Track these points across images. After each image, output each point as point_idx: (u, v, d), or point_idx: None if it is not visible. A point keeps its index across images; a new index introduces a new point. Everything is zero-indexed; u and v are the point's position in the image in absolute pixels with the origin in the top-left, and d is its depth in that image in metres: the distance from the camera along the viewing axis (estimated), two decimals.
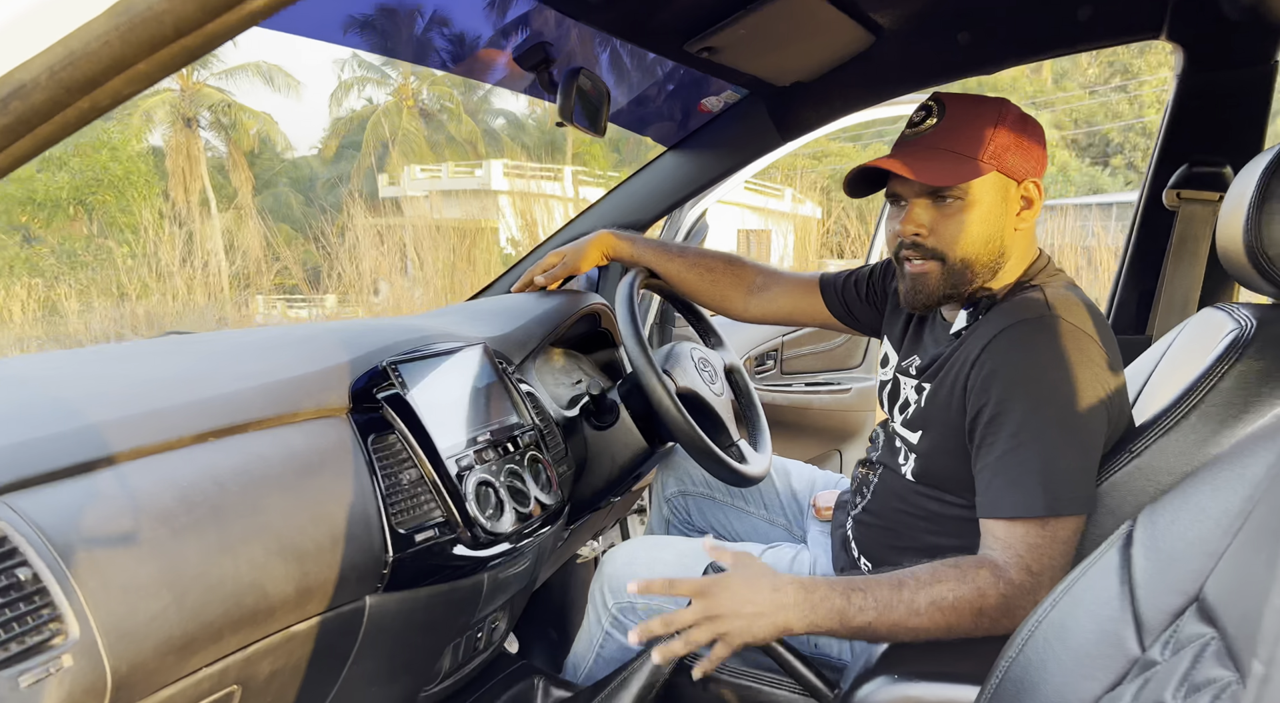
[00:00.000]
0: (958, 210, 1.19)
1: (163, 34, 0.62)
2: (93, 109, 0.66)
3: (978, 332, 1.18)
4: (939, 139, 1.18)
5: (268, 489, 0.96)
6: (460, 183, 19.07)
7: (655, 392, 1.37)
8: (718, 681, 1.28)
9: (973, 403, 1.14)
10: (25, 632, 0.71)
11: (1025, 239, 1.23)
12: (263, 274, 10.86)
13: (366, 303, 11.11)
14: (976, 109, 1.19)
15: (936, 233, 1.20)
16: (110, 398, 0.93)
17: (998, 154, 1.17)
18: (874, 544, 1.30)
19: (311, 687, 1.03)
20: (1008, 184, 1.19)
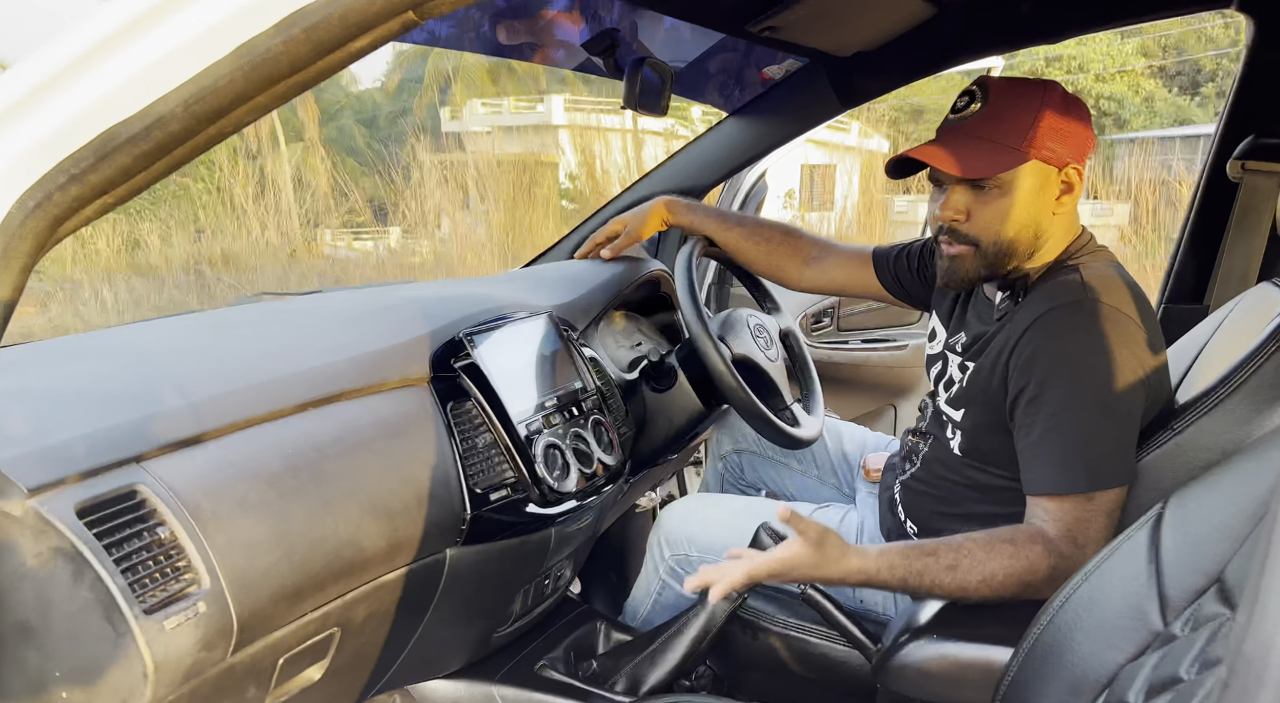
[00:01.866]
0: (995, 198, 1.21)
1: (279, 72, 0.70)
2: (219, 135, 0.75)
3: (1018, 315, 1.22)
4: (981, 127, 1.20)
5: (361, 454, 1.07)
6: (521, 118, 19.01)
7: (711, 360, 1.45)
8: (767, 631, 1.38)
9: (1014, 384, 1.18)
10: (167, 582, 0.83)
11: (1065, 221, 1.25)
12: (331, 211, 11.08)
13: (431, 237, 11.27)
14: (1020, 96, 1.20)
15: (974, 219, 1.23)
16: (223, 371, 1.04)
17: (1039, 142, 1.18)
18: (921, 510, 1.37)
19: (399, 628, 1.15)
20: (1048, 171, 1.20)
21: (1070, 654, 0.90)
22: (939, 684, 1.07)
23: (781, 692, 1.41)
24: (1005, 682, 0.95)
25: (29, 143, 0.71)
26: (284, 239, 10.11)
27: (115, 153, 0.72)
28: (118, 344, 1.17)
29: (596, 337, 1.61)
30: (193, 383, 0.99)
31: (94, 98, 0.70)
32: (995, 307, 1.26)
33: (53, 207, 0.73)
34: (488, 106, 20.62)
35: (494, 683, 1.34)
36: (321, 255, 10.94)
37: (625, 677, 1.35)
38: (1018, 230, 1.22)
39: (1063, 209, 1.23)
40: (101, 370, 1.01)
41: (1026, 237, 1.23)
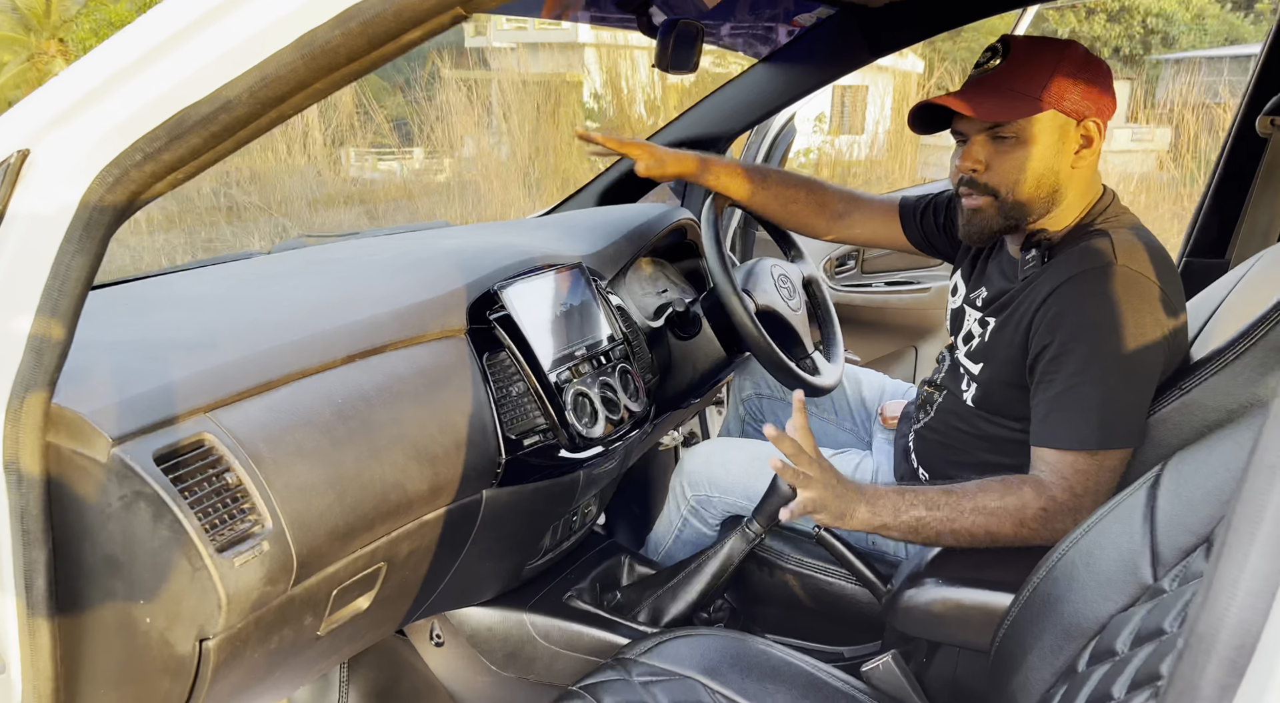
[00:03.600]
0: (1014, 147, 1.25)
1: (337, 61, 0.75)
2: (279, 117, 0.80)
3: (1044, 276, 1.25)
4: (1001, 78, 1.24)
5: (404, 403, 1.14)
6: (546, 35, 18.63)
7: (736, 312, 1.50)
8: (782, 569, 1.47)
9: (1036, 343, 1.23)
10: (235, 523, 0.91)
11: (1083, 178, 1.28)
12: (355, 131, 11.02)
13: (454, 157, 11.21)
14: (1040, 50, 1.24)
15: (992, 169, 1.27)
16: (276, 323, 1.11)
17: (1057, 93, 1.22)
18: (933, 458, 1.43)
19: (439, 562, 1.24)
20: (1066, 123, 1.24)
21: (1066, 603, 0.97)
22: (942, 625, 1.15)
23: (795, 626, 1.50)
24: (1004, 625, 1.03)
25: (109, 124, 0.77)
26: (309, 160, 10.11)
27: (186, 134, 0.77)
28: (184, 294, 1.24)
29: (624, 284, 1.67)
30: (252, 336, 1.06)
31: (168, 83, 0.75)
32: (1020, 266, 1.30)
33: (130, 182, 0.79)
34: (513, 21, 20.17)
35: (525, 611, 1.44)
36: (347, 177, 10.93)
37: (647, 608, 1.45)
38: (1036, 182, 1.26)
39: (1082, 163, 1.26)
40: (171, 322, 1.09)
41: (1045, 189, 1.26)
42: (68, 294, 0.80)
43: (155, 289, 1.27)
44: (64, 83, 0.78)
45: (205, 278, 1.32)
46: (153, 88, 0.76)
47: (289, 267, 1.41)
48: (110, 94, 0.77)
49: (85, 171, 0.78)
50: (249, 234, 8.08)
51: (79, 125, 0.78)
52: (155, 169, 0.79)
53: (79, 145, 0.78)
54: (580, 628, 1.42)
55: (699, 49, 1.45)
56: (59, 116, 0.78)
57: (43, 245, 0.78)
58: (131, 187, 0.80)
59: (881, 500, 1.24)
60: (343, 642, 1.18)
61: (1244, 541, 0.44)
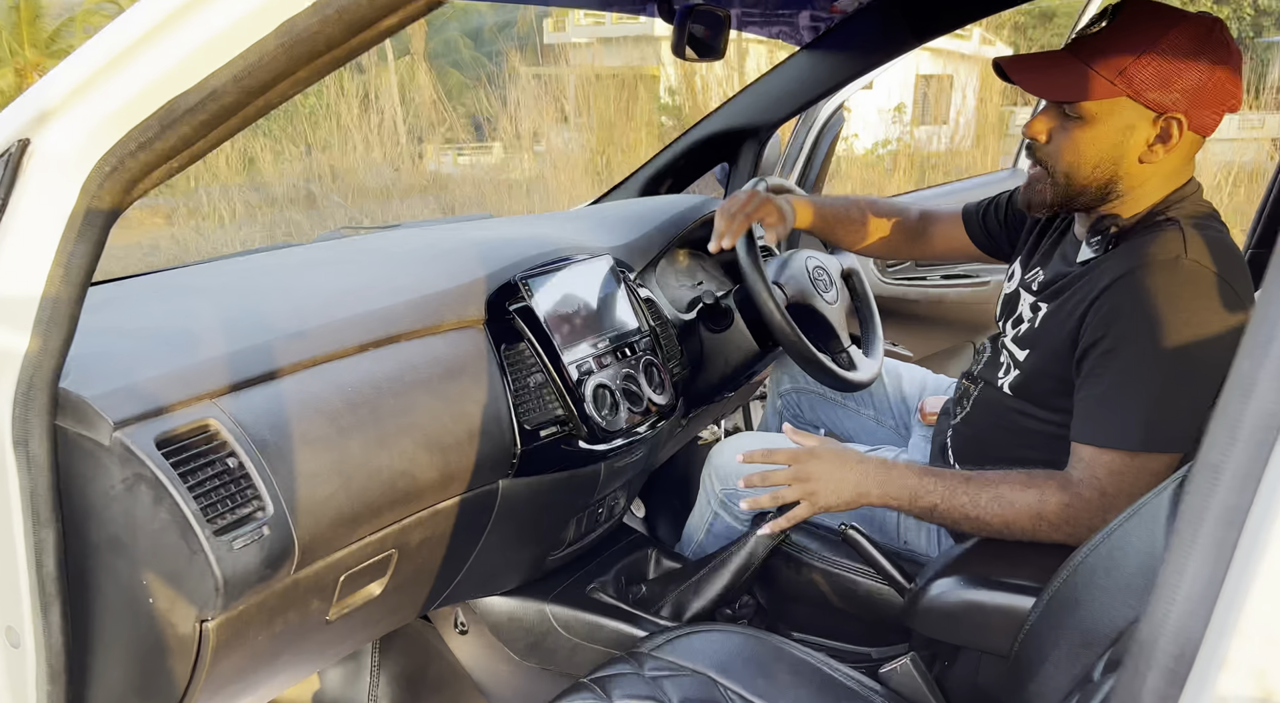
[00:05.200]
0: (1075, 126, 1.17)
1: (316, 49, 0.76)
2: (266, 106, 0.81)
3: (1107, 265, 1.17)
4: (1091, 49, 1.14)
5: (416, 393, 1.14)
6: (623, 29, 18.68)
7: (764, 304, 1.47)
8: (808, 566, 1.43)
9: (1088, 335, 1.15)
10: (236, 507, 0.93)
11: (1160, 173, 1.18)
12: (434, 127, 11.24)
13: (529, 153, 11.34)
14: (1145, 22, 1.12)
15: (1052, 142, 1.20)
16: (291, 312, 1.13)
17: (1136, 79, 1.11)
18: (969, 453, 1.38)
19: (455, 551, 1.25)
20: (1142, 113, 1.13)
21: (1085, 608, 0.92)
22: (961, 627, 1.10)
23: (822, 625, 1.47)
24: (1024, 630, 0.98)
25: (104, 114, 0.79)
26: (387, 156, 10.35)
27: (177, 123, 0.79)
28: (207, 283, 1.27)
29: (656, 276, 1.65)
30: (265, 324, 1.08)
31: (157, 73, 0.77)
32: (1082, 249, 1.23)
33: (126, 171, 0.81)
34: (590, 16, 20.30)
35: (547, 602, 1.44)
36: (425, 172, 11.15)
37: (670, 603, 1.43)
38: (1092, 168, 1.18)
39: (1153, 159, 1.16)
40: (186, 310, 1.11)
41: (1097, 177, 1.18)
42: (71, 281, 0.82)
43: (180, 279, 1.31)
44: (60, 74, 0.80)
45: (231, 268, 1.35)
46: (142, 78, 0.77)
47: (319, 257, 1.44)
48: (104, 84, 0.78)
49: (84, 161, 0.80)
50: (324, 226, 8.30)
51: (76, 115, 0.80)
52: (150, 158, 0.81)
53: (76, 135, 0.80)
54: (601, 620, 1.42)
55: (725, 36, 1.42)
56: (56, 107, 0.80)
57: (46, 233, 0.81)
58: (128, 175, 0.82)
59: (898, 482, 1.23)
60: (356, 627, 1.20)
61: (1185, 544, 0.41)
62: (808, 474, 1.27)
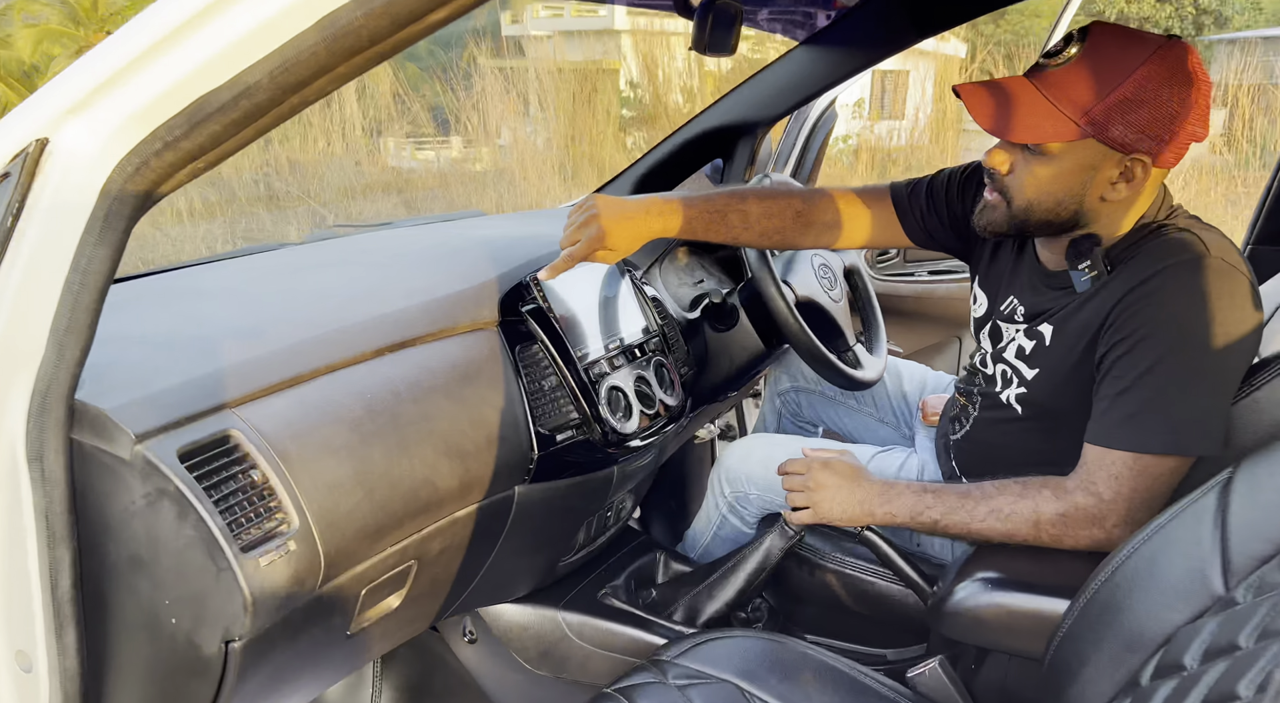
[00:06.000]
0: (1037, 163, 1.12)
1: (359, 44, 0.72)
2: (301, 103, 0.77)
3: (1114, 283, 1.14)
4: (1056, 81, 1.09)
5: (434, 398, 1.11)
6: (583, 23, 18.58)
7: (776, 304, 1.45)
8: (823, 567, 1.42)
9: (1108, 338, 1.13)
10: (261, 522, 0.89)
11: (1121, 209, 1.15)
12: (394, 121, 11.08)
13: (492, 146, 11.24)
14: (1112, 58, 1.06)
15: (1013, 175, 1.15)
16: (306, 317, 1.09)
17: (1105, 120, 1.06)
18: (972, 468, 1.36)
19: (471, 559, 1.22)
20: (1106, 154, 1.09)
21: (1128, 612, 0.92)
22: (991, 631, 1.10)
23: (835, 627, 1.46)
24: (1059, 634, 0.97)
25: (128, 112, 0.75)
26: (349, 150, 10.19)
27: (206, 121, 0.75)
28: (211, 287, 1.22)
29: (659, 275, 1.63)
30: (280, 329, 1.04)
31: (186, 69, 0.73)
32: (1075, 278, 1.18)
33: (150, 171, 0.77)
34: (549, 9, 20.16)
35: (559, 609, 1.41)
36: (385, 166, 10.99)
37: (683, 607, 1.41)
38: (1053, 204, 1.14)
39: (1116, 196, 1.12)
40: (197, 315, 1.07)
41: (1059, 213, 1.15)
42: (89, 287, 0.78)
43: (183, 281, 1.26)
44: (82, 70, 0.76)
45: (233, 270, 1.30)
46: (171, 74, 0.73)
47: (319, 258, 1.39)
48: (128, 81, 0.74)
49: (105, 161, 0.76)
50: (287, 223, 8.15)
51: (97, 113, 0.75)
52: (175, 158, 0.77)
53: (98, 134, 0.75)
54: (614, 626, 1.39)
55: (738, 31, 1.40)
56: (77, 104, 0.75)
57: (63, 237, 0.76)
58: (152, 176, 0.77)
59: (899, 501, 1.23)
60: (373, 640, 1.16)
61: None
62: (818, 483, 1.28)
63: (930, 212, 1.42)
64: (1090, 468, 1.12)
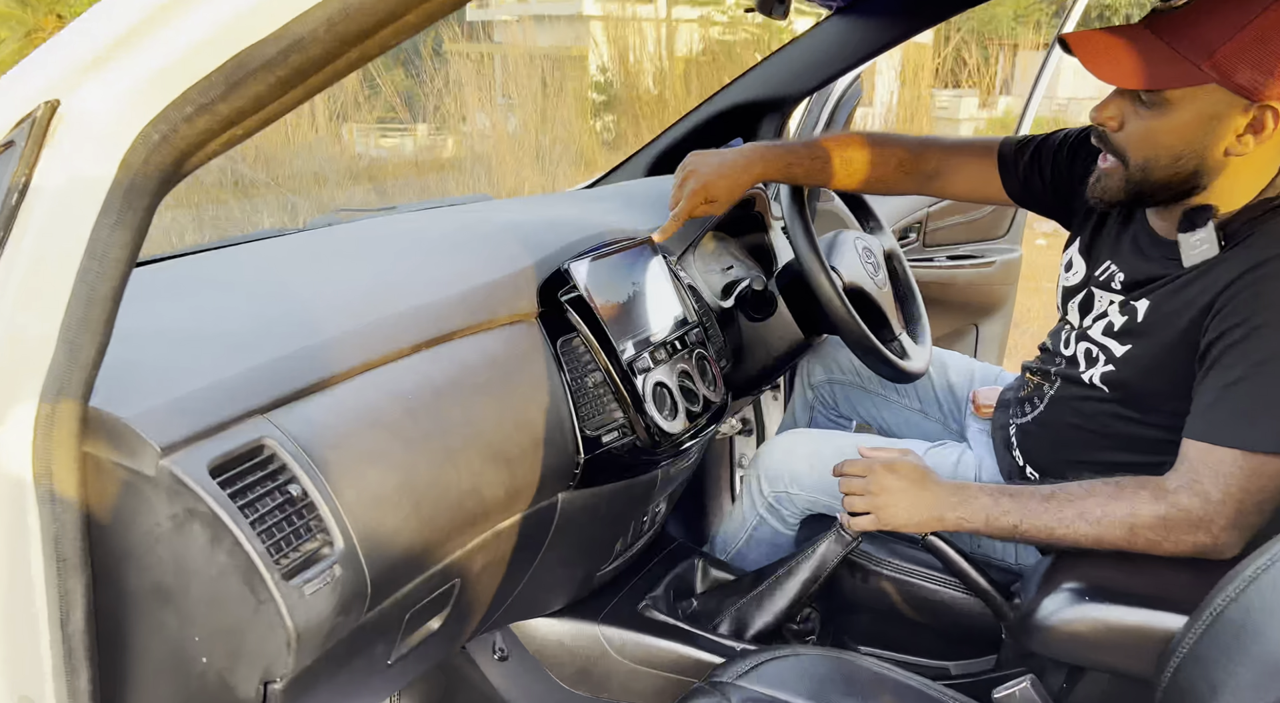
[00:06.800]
0: (1153, 114, 1.05)
1: None
2: (361, 58, 0.65)
3: (1231, 260, 1.06)
4: (1174, 26, 1.02)
5: (477, 398, 1.00)
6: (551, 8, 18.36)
7: (824, 291, 1.36)
8: (878, 574, 1.33)
9: (1218, 324, 1.04)
10: (302, 543, 0.78)
11: (1253, 163, 1.07)
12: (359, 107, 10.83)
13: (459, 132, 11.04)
14: None
15: (1126, 130, 1.08)
16: (334, 309, 0.97)
17: (1229, 64, 0.98)
18: (1042, 455, 1.29)
19: (512, 573, 1.11)
20: (1231, 101, 1.01)
21: (1269, 635, 0.83)
22: (1090, 649, 1.01)
23: (892, 638, 1.37)
24: (1179, 654, 0.89)
25: (153, 69, 0.63)
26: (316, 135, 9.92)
27: (248, 79, 0.63)
28: (221, 277, 1.10)
29: (692, 262, 1.52)
30: (308, 324, 0.92)
31: (225, 17, 0.61)
32: (1185, 249, 1.10)
33: (179, 140, 0.65)
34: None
35: (597, 623, 1.31)
36: (352, 153, 10.73)
37: (730, 619, 1.32)
38: (1173, 160, 1.06)
39: (1242, 150, 1.04)
40: (217, 308, 0.95)
41: (1179, 170, 1.07)
42: (107, 276, 0.66)
43: (187, 270, 1.13)
44: (99, 19, 0.64)
45: (239, 258, 1.18)
46: (208, 23, 0.61)
47: (330, 246, 1.27)
48: (156, 32, 0.62)
49: (126, 127, 0.64)
50: (257, 212, 7.91)
51: (118, 71, 0.64)
52: (210, 124, 0.65)
53: (119, 95, 0.63)
54: (658, 642, 1.30)
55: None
56: (94, 60, 0.64)
57: (77, 218, 0.65)
58: (181, 146, 0.66)
59: (972, 504, 1.14)
60: (409, 667, 1.06)
61: None
62: (881, 487, 1.18)
63: (1034, 170, 1.38)
64: (1194, 466, 1.04)
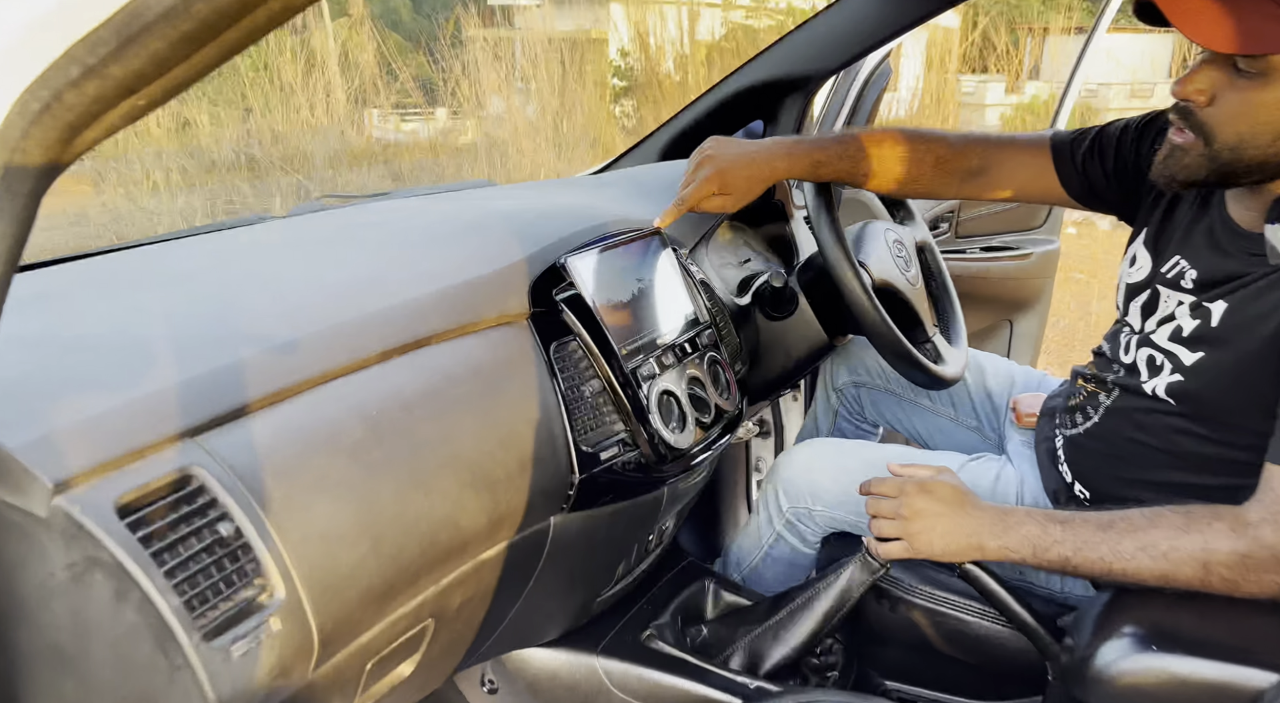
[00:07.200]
0: (1254, 86, 0.92)
1: None
2: (286, 10, 0.52)
3: None
4: None
5: (456, 412, 0.88)
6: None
7: (851, 289, 1.23)
8: (908, 602, 1.20)
9: None
10: (232, 594, 0.66)
11: None
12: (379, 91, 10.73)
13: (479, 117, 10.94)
14: None
15: (1217, 105, 0.95)
16: (289, 309, 0.85)
17: None
18: (1095, 472, 1.16)
19: (497, 607, 0.99)
20: None
21: None
22: None
23: (922, 673, 1.24)
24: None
25: (24, 21, 0.50)
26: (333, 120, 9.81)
27: (145, 34, 0.50)
28: (173, 269, 0.98)
29: (705, 255, 1.39)
30: (259, 326, 0.80)
31: None
32: (1274, 244, 0.97)
33: (64, 110, 0.52)
34: None
35: (596, 655, 1.19)
36: (370, 137, 10.64)
37: (743, 651, 1.19)
38: (1272, 138, 0.94)
39: None
40: (149, 307, 0.83)
41: (1277, 151, 0.95)
42: None
43: (140, 262, 1.02)
44: None
45: (203, 248, 1.06)
46: None
47: (307, 235, 1.15)
48: None
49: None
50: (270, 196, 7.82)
51: None
52: (102, 91, 0.52)
53: None
54: (663, 677, 1.17)
55: None
56: None
57: None
58: (69, 117, 0.53)
59: (1017, 532, 1.01)
60: None
61: None
62: (915, 511, 1.05)
63: (1095, 161, 1.24)
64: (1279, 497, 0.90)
